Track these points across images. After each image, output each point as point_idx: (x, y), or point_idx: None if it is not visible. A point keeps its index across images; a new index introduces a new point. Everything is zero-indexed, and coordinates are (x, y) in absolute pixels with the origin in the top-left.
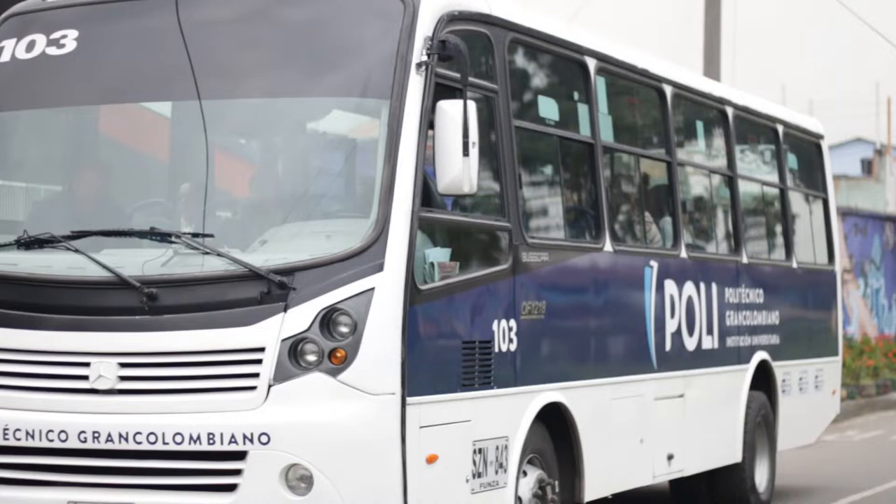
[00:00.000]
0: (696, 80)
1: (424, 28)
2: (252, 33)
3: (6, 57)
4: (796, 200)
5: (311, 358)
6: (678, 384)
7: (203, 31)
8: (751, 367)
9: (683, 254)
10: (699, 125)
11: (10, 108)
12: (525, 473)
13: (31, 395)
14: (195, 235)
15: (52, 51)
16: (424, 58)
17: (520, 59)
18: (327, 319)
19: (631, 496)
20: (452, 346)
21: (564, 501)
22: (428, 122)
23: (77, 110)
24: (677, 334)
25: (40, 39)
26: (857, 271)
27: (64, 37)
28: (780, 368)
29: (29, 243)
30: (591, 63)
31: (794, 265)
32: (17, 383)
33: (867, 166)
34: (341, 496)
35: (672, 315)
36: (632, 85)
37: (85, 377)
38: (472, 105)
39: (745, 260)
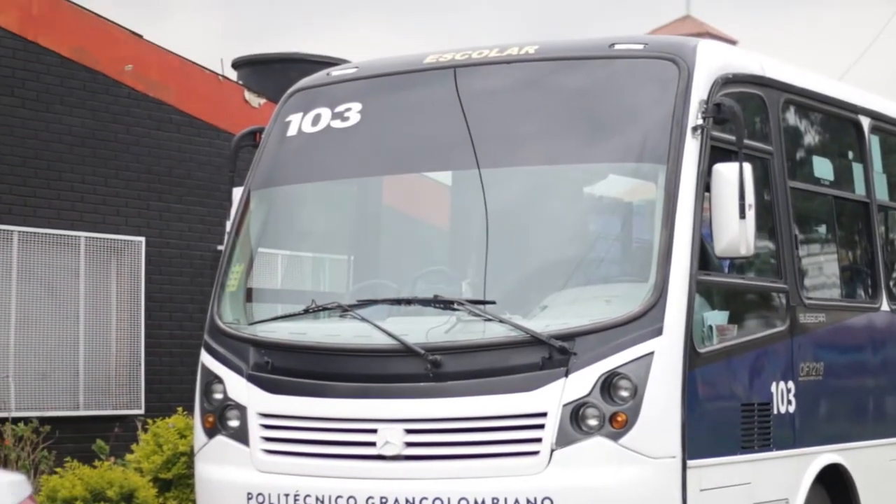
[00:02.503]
0: None
1: (700, 91)
2: (527, 101)
3: (293, 130)
4: None
5: (593, 422)
6: None
7: (480, 100)
8: None
9: None
10: None
11: (297, 181)
12: None
13: (320, 462)
14: (477, 302)
15: (337, 124)
16: (700, 121)
17: (793, 120)
18: (608, 384)
19: None
20: (731, 409)
21: None
22: (704, 185)
23: (361, 181)
24: None
25: (325, 113)
26: None
27: (348, 110)
28: None
29: (317, 312)
30: (866, 122)
31: None
32: (306, 450)
33: None
34: None
35: None
36: None
37: (372, 443)
38: (747, 167)
39: None
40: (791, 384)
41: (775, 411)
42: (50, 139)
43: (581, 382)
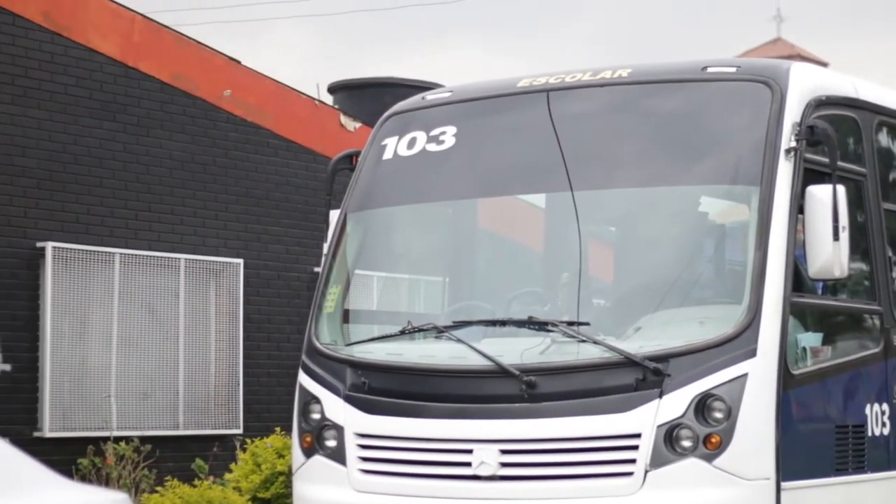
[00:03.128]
0: None
1: (793, 114)
2: (621, 124)
3: (389, 154)
4: None
5: (687, 444)
6: None
7: (573, 123)
8: None
9: None
10: None
11: (393, 204)
12: None
13: (416, 482)
14: (571, 324)
15: (432, 147)
16: (793, 143)
17: (887, 141)
18: (702, 405)
19: None
20: (825, 430)
21: None
22: (797, 207)
23: (456, 204)
24: None
25: (421, 136)
26: None
27: (443, 133)
28: None
29: (413, 333)
30: None
31: None
32: (403, 470)
33: None
34: None
35: None
36: None
37: (468, 464)
38: (841, 189)
39: None
40: (885, 406)
41: (870, 433)
42: (150, 163)
43: (675, 404)
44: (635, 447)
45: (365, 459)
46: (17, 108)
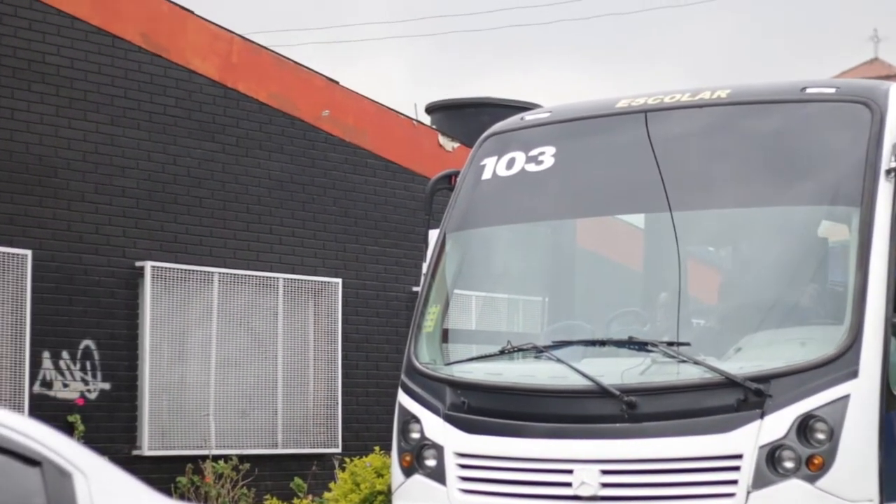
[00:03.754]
0: None
1: (892, 135)
2: (720, 145)
3: (488, 174)
4: None
5: (789, 465)
6: None
7: (672, 144)
8: None
9: None
10: None
11: (492, 224)
12: None
13: (516, 502)
14: (671, 344)
15: (531, 167)
16: (893, 164)
17: None
18: (804, 426)
19: None
20: None
21: None
22: None
23: (555, 224)
24: None
25: (519, 156)
26: None
27: (542, 153)
28: None
29: (512, 353)
30: None
31: None
32: (503, 490)
33: None
34: None
35: None
36: None
37: (568, 484)
38: None
39: None
40: None
41: None
42: (249, 183)
43: (777, 424)
44: (737, 468)
45: (465, 479)
46: (117, 129)
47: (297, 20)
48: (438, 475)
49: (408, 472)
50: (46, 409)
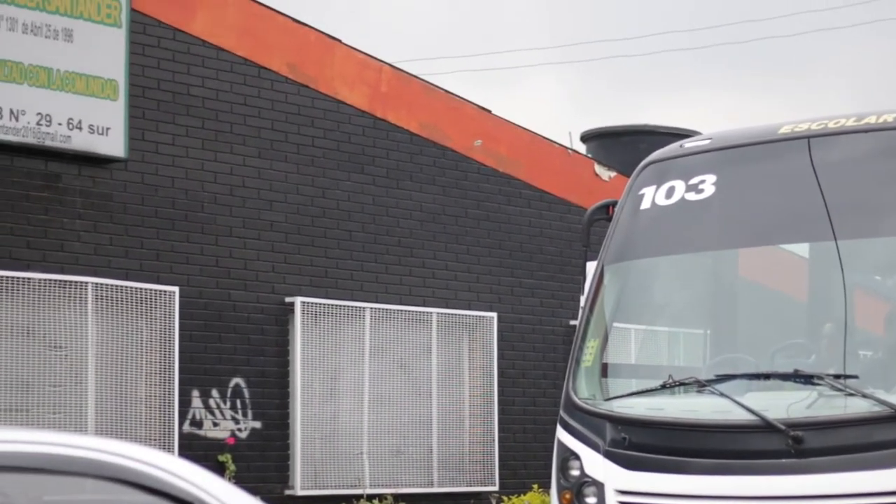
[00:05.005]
0: None
1: None
2: (885, 170)
3: (646, 203)
4: None
5: None
6: None
7: (836, 170)
8: None
9: None
10: None
11: (651, 255)
12: None
13: None
14: (838, 377)
15: (691, 196)
16: None
17: None
18: None
19: None
20: None
21: None
22: None
23: (716, 254)
24: None
25: (679, 185)
26: None
27: (702, 182)
28: None
29: (674, 387)
30: None
31: None
32: None
33: None
34: None
35: None
36: None
37: None
38: None
39: None
40: None
41: None
42: (400, 215)
43: None
44: None
45: None
46: (264, 162)
47: (447, 47)
48: None
49: None
50: (197, 449)
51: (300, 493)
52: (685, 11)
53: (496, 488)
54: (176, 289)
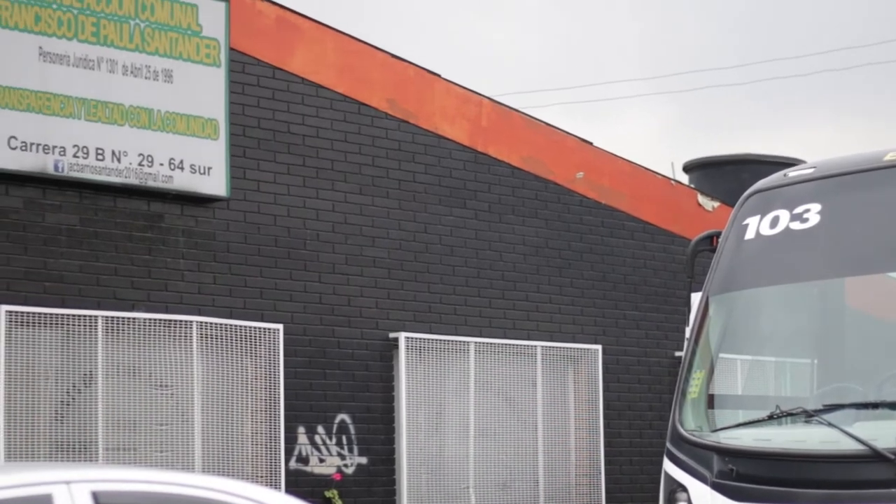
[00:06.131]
0: None
1: None
2: None
3: (751, 233)
4: None
5: None
6: None
7: None
8: None
9: None
10: None
11: (756, 285)
12: None
13: None
14: None
15: (796, 225)
16: None
17: None
18: None
19: None
20: None
21: None
22: None
23: (823, 283)
24: None
25: (783, 215)
26: None
27: (807, 211)
28: None
29: (781, 418)
30: None
31: None
32: None
33: None
34: None
35: None
36: None
37: None
38: None
39: None
40: None
41: None
42: (503, 249)
43: None
44: None
45: None
46: (366, 198)
47: (546, 80)
48: None
49: None
50: (303, 486)
51: None
52: (788, 39)
53: None
54: (280, 326)
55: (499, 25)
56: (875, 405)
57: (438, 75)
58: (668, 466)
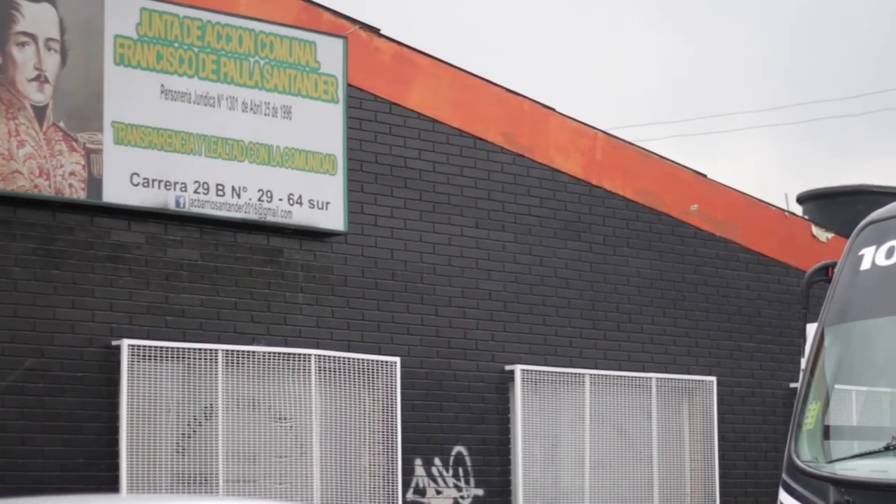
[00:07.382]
0: None
1: None
2: None
3: (867, 264)
4: None
5: None
6: None
7: None
8: None
9: None
10: None
11: (873, 315)
12: None
13: None
14: None
15: None
16: None
17: None
18: None
19: None
20: None
21: None
22: None
23: None
24: None
25: None
26: None
27: None
28: None
29: None
30: None
31: None
32: None
33: None
34: None
35: None
36: None
37: None
38: None
39: None
40: None
41: None
42: (618, 282)
43: None
44: None
45: None
46: (481, 232)
47: (658, 113)
48: None
49: None
50: None
51: None
52: None
53: None
54: (397, 359)
55: (612, 58)
56: None
57: (553, 109)
58: (784, 498)
